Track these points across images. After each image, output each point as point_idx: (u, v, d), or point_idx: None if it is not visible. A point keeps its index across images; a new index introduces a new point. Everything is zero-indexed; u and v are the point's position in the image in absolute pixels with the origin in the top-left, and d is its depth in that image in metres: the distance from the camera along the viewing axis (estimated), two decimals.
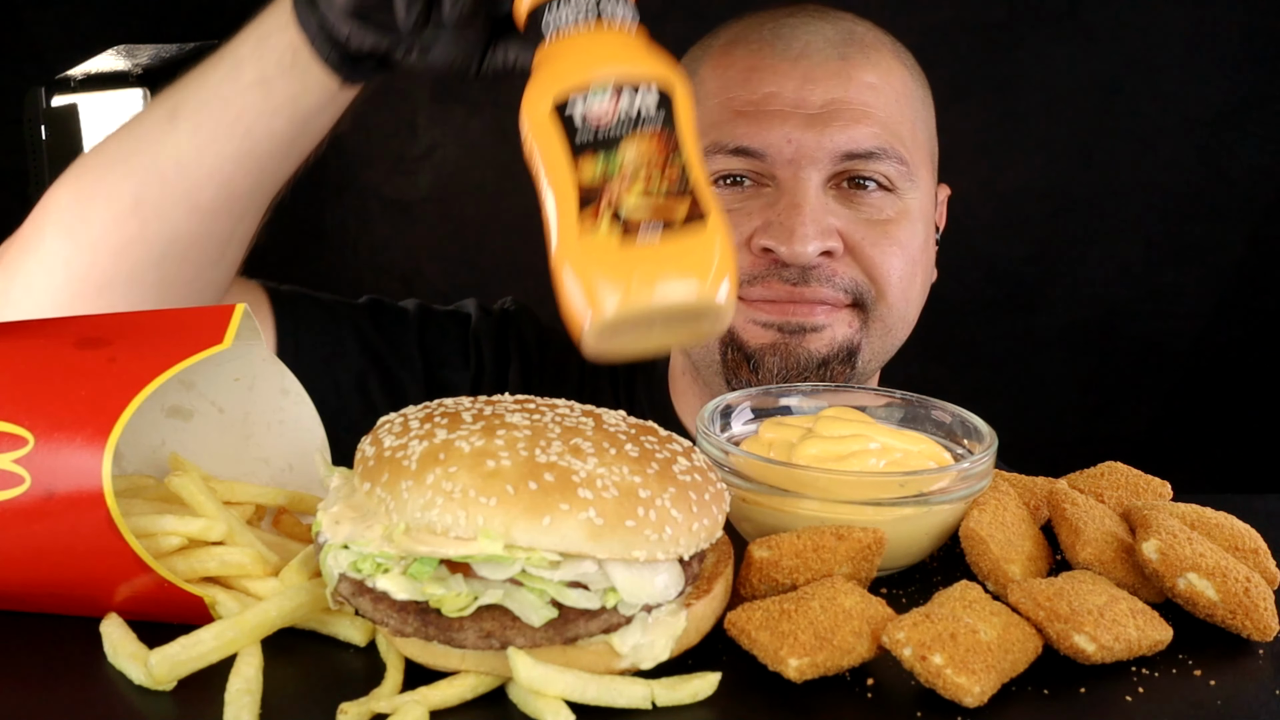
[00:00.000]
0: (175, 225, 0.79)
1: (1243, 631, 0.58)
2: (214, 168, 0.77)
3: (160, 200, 0.78)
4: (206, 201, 0.78)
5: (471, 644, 0.52)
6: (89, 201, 0.80)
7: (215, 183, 0.78)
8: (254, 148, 0.77)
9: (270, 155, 0.78)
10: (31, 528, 0.55)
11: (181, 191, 0.78)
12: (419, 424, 0.56)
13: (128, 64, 1.71)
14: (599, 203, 0.59)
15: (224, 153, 0.77)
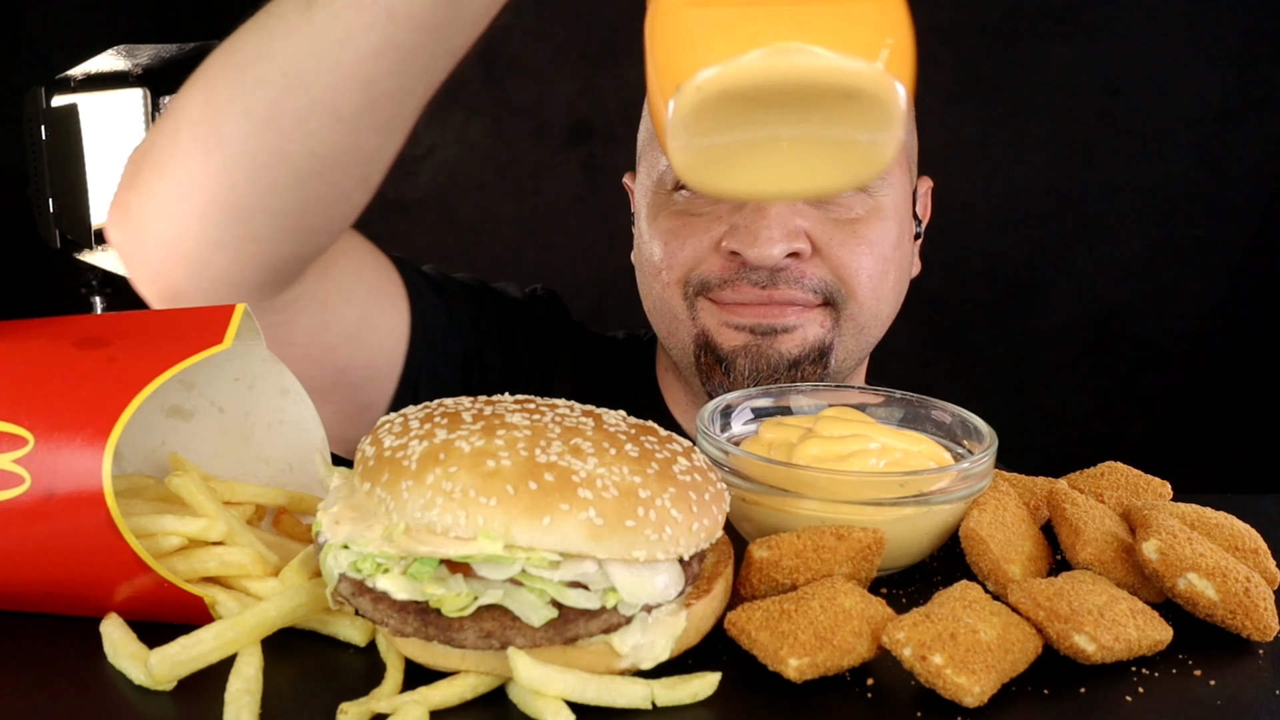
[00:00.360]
0: (318, 139, 0.71)
1: (1243, 631, 0.58)
2: (355, 65, 0.68)
3: (300, 109, 0.69)
4: (350, 110, 0.70)
5: (471, 644, 0.51)
6: (223, 113, 0.71)
7: (358, 85, 0.69)
8: (398, 38, 0.67)
9: (415, 51, 0.68)
10: (31, 528, 0.55)
11: (323, 98, 0.69)
12: (419, 424, 0.56)
13: (128, 64, 1.71)
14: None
15: (366, 46, 0.67)
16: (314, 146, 0.71)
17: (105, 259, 1.69)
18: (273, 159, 0.71)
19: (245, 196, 0.72)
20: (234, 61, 0.72)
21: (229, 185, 0.71)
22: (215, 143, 0.71)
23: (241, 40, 0.72)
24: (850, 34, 0.40)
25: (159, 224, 0.74)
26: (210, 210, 0.72)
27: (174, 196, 0.73)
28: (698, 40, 0.40)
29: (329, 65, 0.68)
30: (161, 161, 0.74)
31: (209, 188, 0.72)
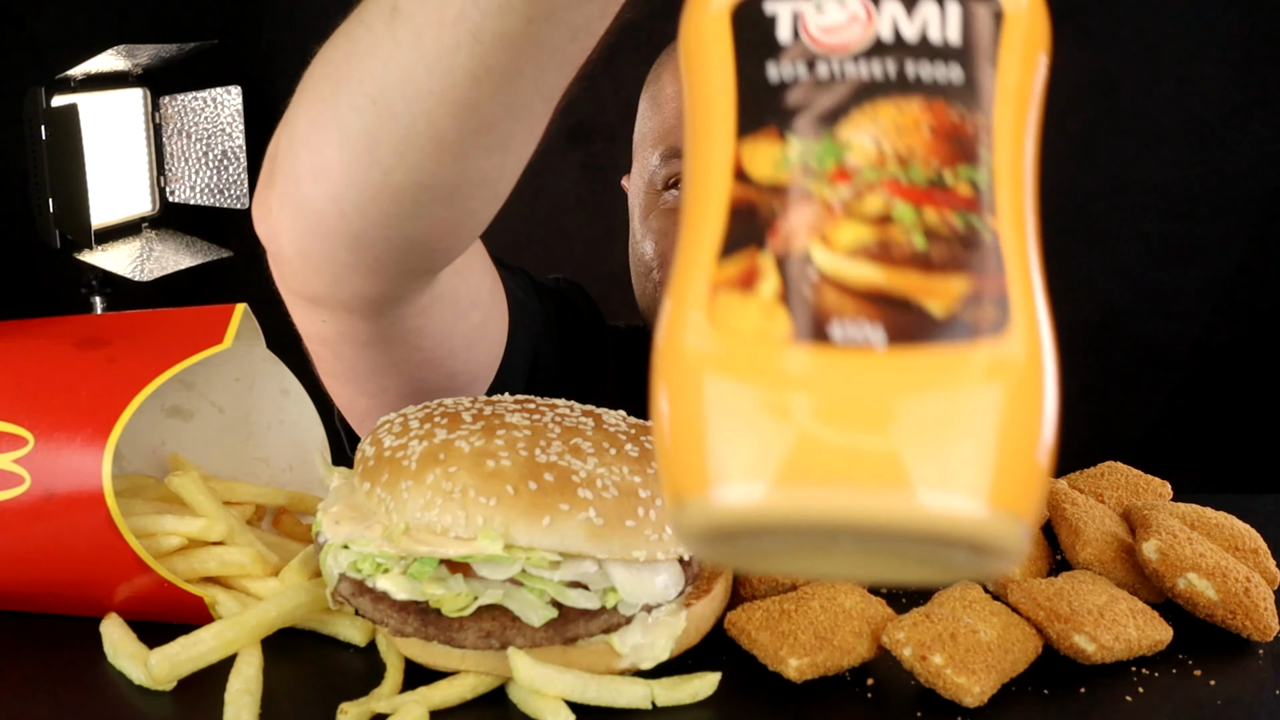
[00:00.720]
0: (424, 171, 0.60)
1: (1243, 631, 0.58)
2: (448, 90, 0.57)
3: (397, 141, 0.59)
4: (453, 138, 0.59)
5: (471, 644, 0.51)
6: (322, 139, 0.62)
7: (457, 111, 0.58)
8: (492, 60, 0.56)
9: (516, 72, 0.57)
10: (31, 528, 0.55)
11: (420, 127, 0.59)
12: (419, 424, 0.56)
13: (128, 64, 1.71)
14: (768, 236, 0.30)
15: (456, 69, 0.56)
16: (420, 179, 0.61)
17: (105, 259, 1.69)
18: (376, 192, 0.62)
19: (356, 225, 0.63)
20: (328, 76, 0.62)
21: (339, 214, 0.63)
22: (321, 168, 0.63)
23: (333, 50, 0.62)
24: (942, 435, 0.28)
25: (289, 237, 0.67)
26: (330, 234, 0.64)
27: (298, 213, 0.65)
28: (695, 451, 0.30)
29: (419, 92, 0.57)
30: (283, 173, 0.66)
31: (323, 214, 0.64)
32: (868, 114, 0.31)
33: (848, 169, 0.31)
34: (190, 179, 1.83)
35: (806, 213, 0.30)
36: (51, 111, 1.57)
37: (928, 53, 0.31)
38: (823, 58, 0.31)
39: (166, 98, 1.80)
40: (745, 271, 0.31)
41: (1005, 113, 0.32)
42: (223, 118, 1.77)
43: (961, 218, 0.31)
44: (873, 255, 0.30)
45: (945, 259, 0.30)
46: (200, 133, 1.79)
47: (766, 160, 0.31)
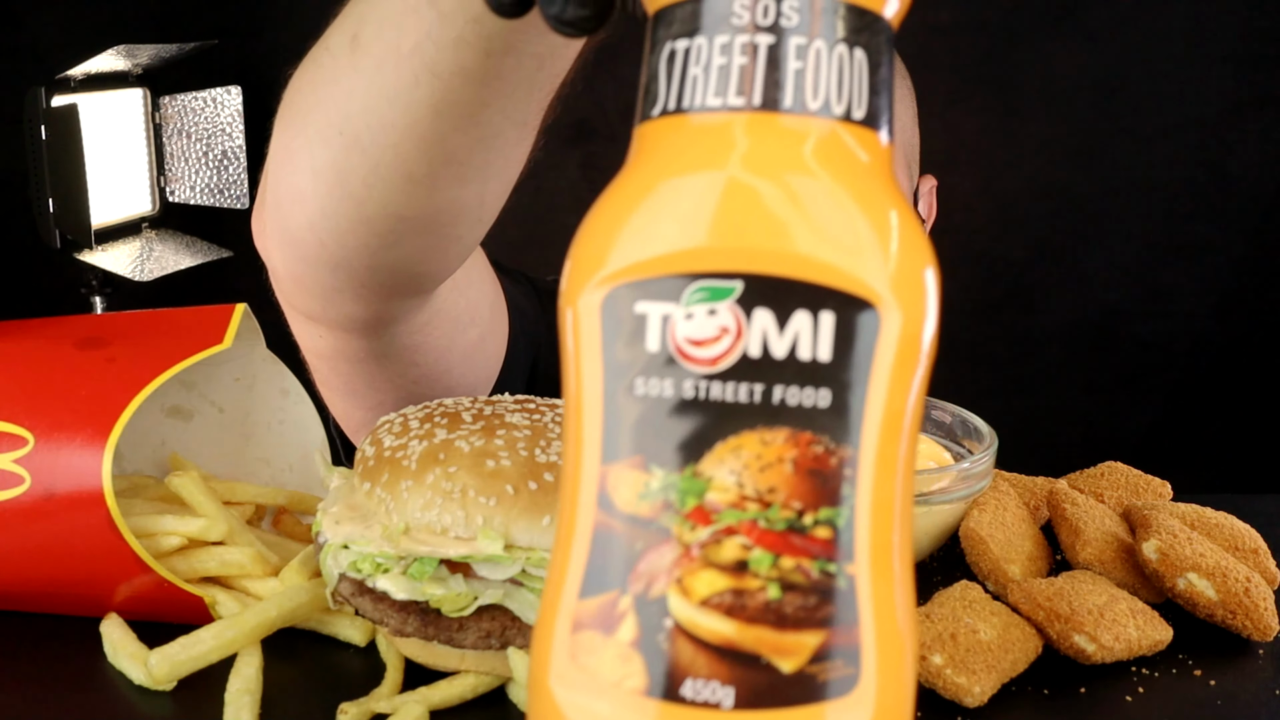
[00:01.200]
0: (396, 203, 0.58)
1: (1243, 631, 0.58)
2: (412, 125, 0.54)
3: (365, 173, 0.57)
4: (423, 171, 0.56)
5: (471, 644, 0.51)
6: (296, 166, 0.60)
7: (423, 145, 0.55)
8: (453, 95, 0.53)
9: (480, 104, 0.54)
10: (31, 527, 0.55)
11: (386, 159, 0.56)
12: (419, 424, 0.56)
13: (128, 64, 1.71)
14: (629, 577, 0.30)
15: (417, 103, 0.54)
16: (394, 210, 0.58)
17: (105, 259, 1.69)
18: (351, 223, 0.59)
19: (335, 253, 0.61)
20: (298, 104, 0.60)
21: (317, 242, 0.61)
22: (296, 196, 0.61)
23: (302, 77, 0.60)
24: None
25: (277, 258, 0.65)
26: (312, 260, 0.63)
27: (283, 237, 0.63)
28: None
29: (382, 124, 0.55)
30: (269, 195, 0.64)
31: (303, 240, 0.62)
32: (731, 446, 0.30)
33: (708, 509, 0.30)
34: (190, 179, 1.83)
35: (666, 555, 0.30)
36: (51, 111, 1.56)
37: (796, 374, 0.30)
38: (689, 375, 0.30)
39: (166, 98, 1.80)
40: (605, 612, 0.31)
41: (873, 438, 0.31)
42: (223, 118, 1.77)
43: (818, 565, 0.30)
44: (727, 608, 0.30)
45: (798, 612, 0.30)
46: (200, 133, 1.79)
47: (629, 490, 0.30)
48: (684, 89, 0.31)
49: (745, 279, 0.29)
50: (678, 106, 0.31)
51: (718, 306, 0.30)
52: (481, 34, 0.51)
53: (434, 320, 0.74)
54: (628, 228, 0.31)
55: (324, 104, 0.57)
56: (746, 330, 0.30)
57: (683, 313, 0.30)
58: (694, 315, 0.30)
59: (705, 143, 0.31)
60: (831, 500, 0.30)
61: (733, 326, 0.30)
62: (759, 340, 0.29)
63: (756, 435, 0.30)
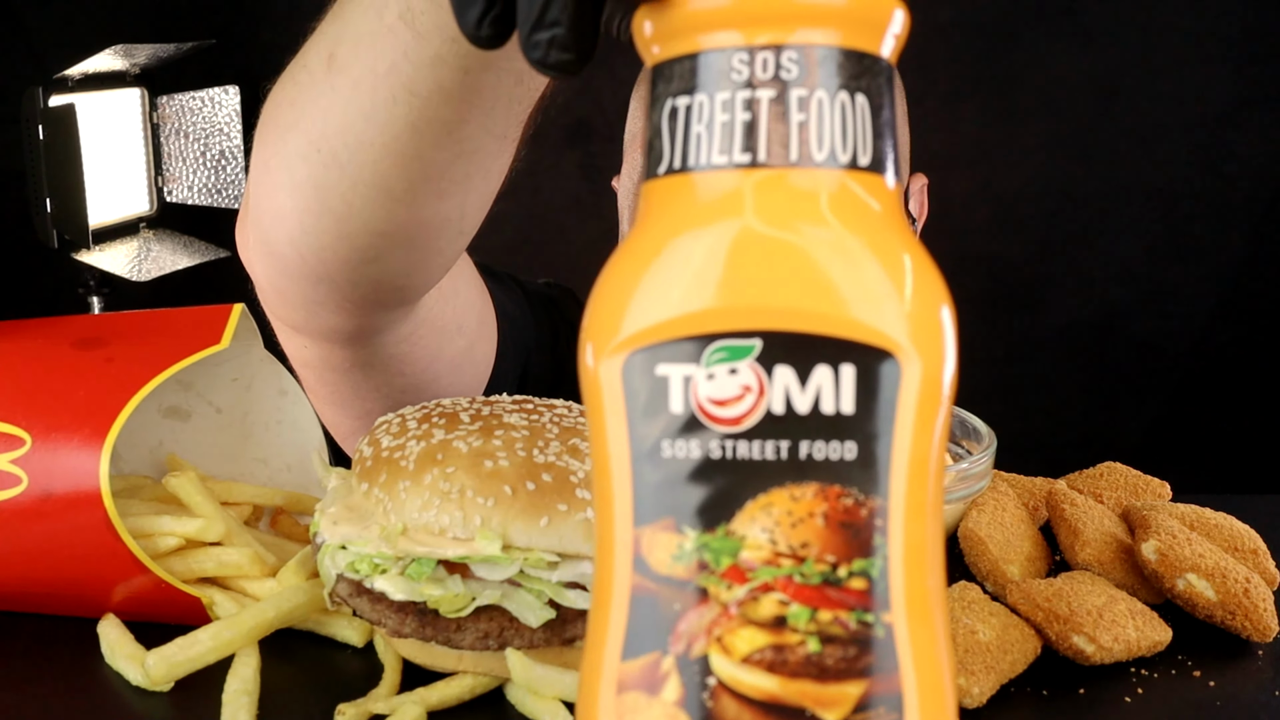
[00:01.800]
0: (377, 219, 0.57)
1: (1242, 632, 0.58)
2: (390, 142, 0.54)
3: (345, 190, 0.56)
4: (402, 188, 0.56)
5: (469, 645, 0.51)
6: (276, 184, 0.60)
7: (402, 162, 0.55)
8: (430, 112, 0.53)
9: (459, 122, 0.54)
10: (29, 528, 0.55)
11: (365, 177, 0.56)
12: (416, 424, 0.56)
13: (126, 63, 1.71)
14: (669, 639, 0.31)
15: (395, 122, 0.53)
16: (374, 226, 0.58)
17: (103, 259, 1.69)
18: (331, 239, 0.59)
19: (316, 268, 0.61)
20: (276, 120, 0.59)
21: (298, 257, 0.61)
22: (276, 213, 0.61)
23: (281, 92, 0.59)
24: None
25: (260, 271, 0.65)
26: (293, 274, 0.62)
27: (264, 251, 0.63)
28: None
29: (360, 142, 0.55)
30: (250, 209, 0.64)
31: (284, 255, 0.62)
32: (762, 504, 0.30)
33: (743, 568, 0.30)
34: (188, 179, 1.83)
35: (704, 615, 0.31)
36: (49, 111, 1.56)
37: (820, 428, 0.30)
38: (714, 435, 0.30)
39: (164, 97, 1.80)
40: (648, 673, 0.31)
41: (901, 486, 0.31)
42: (220, 117, 1.77)
43: (856, 616, 0.31)
44: (769, 663, 0.30)
45: (839, 664, 0.30)
46: (198, 132, 1.79)
47: (663, 552, 0.31)
48: (688, 147, 0.31)
49: (764, 336, 0.30)
50: (683, 165, 0.31)
51: (738, 365, 0.30)
52: (459, 52, 0.51)
53: (419, 330, 0.73)
54: (641, 290, 0.31)
55: (302, 121, 0.57)
56: (769, 387, 0.30)
57: (704, 373, 0.30)
58: (715, 375, 0.30)
59: (713, 201, 0.31)
60: (864, 551, 0.31)
61: (755, 384, 0.30)
62: (782, 396, 0.30)
63: (786, 492, 0.30)
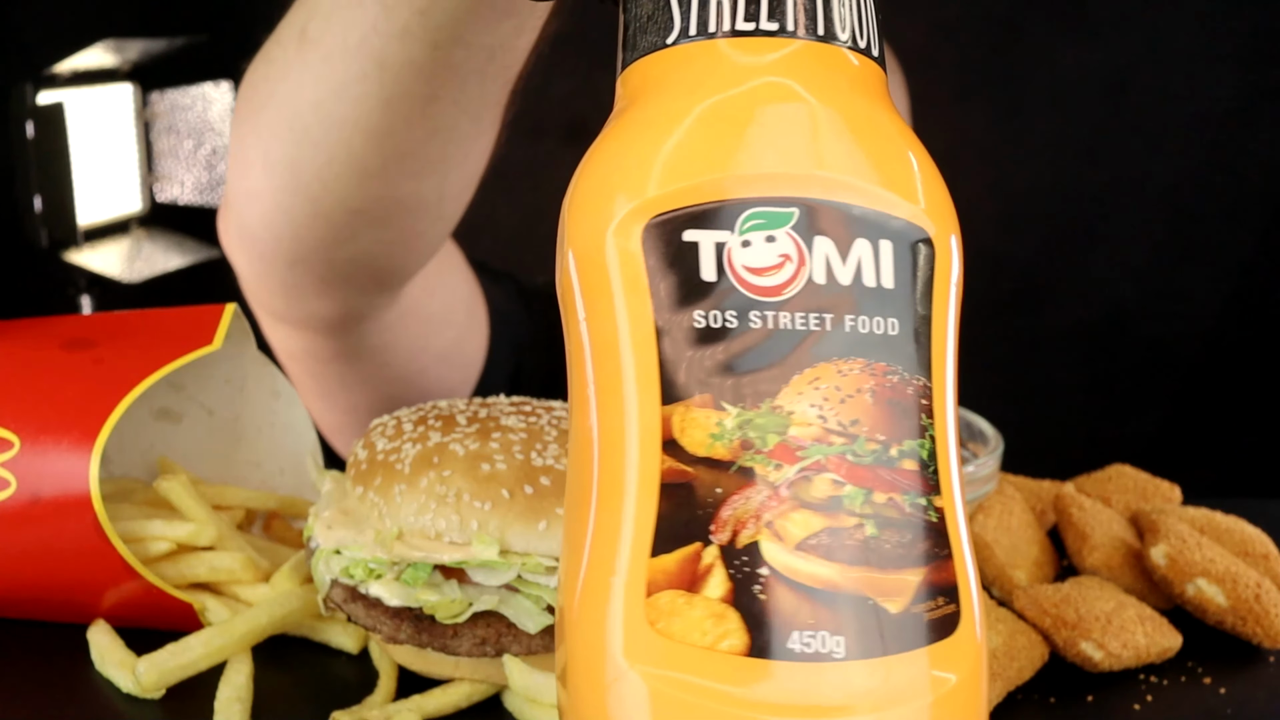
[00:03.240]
0: (352, 196, 0.57)
1: (1253, 638, 0.57)
2: (362, 118, 0.53)
3: (319, 166, 0.56)
4: (376, 164, 0.55)
5: (466, 651, 0.51)
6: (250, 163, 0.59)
7: (375, 138, 0.54)
8: (403, 87, 0.52)
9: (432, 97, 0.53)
10: (17, 532, 0.55)
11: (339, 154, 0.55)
12: (412, 426, 0.55)
13: (116, 59, 1.70)
14: (711, 527, 0.28)
15: (367, 97, 0.53)
16: (350, 205, 0.58)
17: (93, 258, 1.69)
18: (306, 218, 0.58)
19: (291, 249, 0.61)
20: (250, 98, 0.59)
21: (273, 238, 0.61)
22: (251, 192, 0.60)
23: (255, 71, 0.59)
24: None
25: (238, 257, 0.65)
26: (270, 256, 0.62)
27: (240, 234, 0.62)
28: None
29: (333, 118, 0.54)
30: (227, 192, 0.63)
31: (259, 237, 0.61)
32: (809, 378, 0.28)
33: (792, 445, 0.28)
34: (180, 177, 1.82)
35: (752, 498, 0.28)
36: (38, 109, 1.55)
37: (864, 300, 0.28)
38: (755, 305, 0.28)
39: (155, 93, 1.79)
40: (688, 569, 0.28)
41: (940, 366, 0.30)
42: (213, 114, 1.76)
43: (910, 499, 0.29)
44: (826, 549, 0.28)
45: (897, 549, 0.28)
46: (190, 129, 1.78)
47: (701, 430, 0.28)
48: (706, 14, 0.30)
49: (802, 205, 0.28)
50: (702, 31, 0.30)
51: (775, 233, 0.28)
52: (428, 25, 0.50)
53: (403, 320, 0.73)
54: (662, 153, 0.29)
55: (275, 98, 0.56)
56: (809, 257, 0.28)
57: (739, 240, 0.28)
58: (751, 243, 0.28)
59: (736, 67, 0.30)
60: (914, 432, 0.29)
61: (794, 253, 0.28)
62: (823, 266, 0.28)
63: (833, 366, 0.28)
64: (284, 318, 0.69)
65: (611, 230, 0.29)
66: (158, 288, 1.74)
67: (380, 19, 0.50)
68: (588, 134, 0.72)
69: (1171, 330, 2.07)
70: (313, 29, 0.54)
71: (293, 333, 0.70)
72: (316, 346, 0.71)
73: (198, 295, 0.73)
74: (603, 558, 0.29)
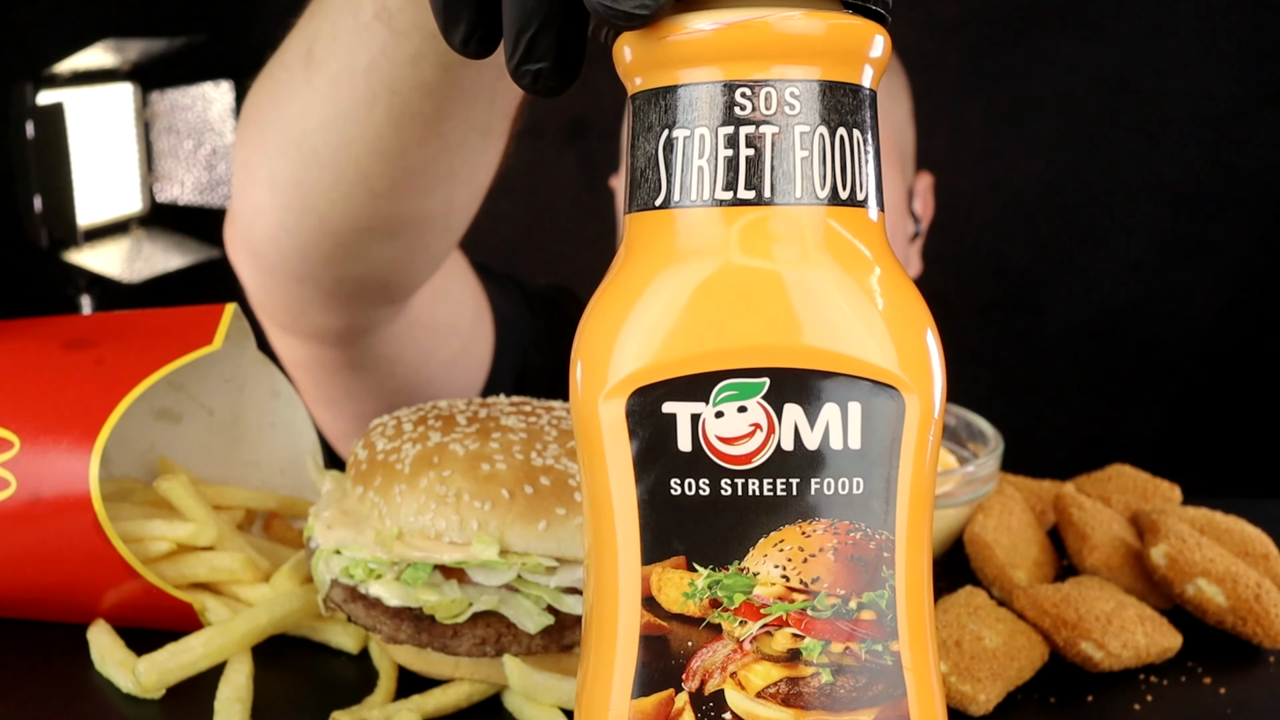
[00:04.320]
0: (360, 215, 0.57)
1: (1253, 638, 0.57)
2: (372, 140, 0.54)
3: (327, 187, 0.56)
4: (385, 185, 0.55)
5: (466, 651, 0.51)
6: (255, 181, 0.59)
7: (384, 158, 0.54)
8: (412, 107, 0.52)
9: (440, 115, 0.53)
10: (18, 532, 0.55)
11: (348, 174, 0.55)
12: (412, 427, 0.55)
13: (117, 59, 1.70)
14: (683, 676, 0.31)
15: (375, 119, 0.53)
16: (357, 223, 0.58)
17: (93, 258, 1.68)
18: (313, 235, 0.59)
19: (297, 266, 0.61)
20: (256, 118, 0.59)
21: (279, 255, 0.61)
22: (256, 211, 0.60)
23: (260, 90, 0.59)
24: None
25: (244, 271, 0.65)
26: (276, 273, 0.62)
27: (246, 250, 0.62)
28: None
29: (342, 139, 0.54)
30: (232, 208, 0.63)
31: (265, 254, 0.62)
32: (774, 541, 0.31)
33: (756, 603, 0.31)
34: (180, 177, 1.82)
35: (719, 651, 0.31)
36: (38, 109, 1.55)
37: (831, 462, 0.30)
38: (726, 474, 0.30)
39: (156, 93, 1.79)
40: (661, 711, 0.31)
41: (905, 518, 0.31)
42: (213, 114, 1.76)
43: (866, 647, 0.31)
44: (784, 696, 0.31)
45: (851, 693, 0.31)
46: (190, 129, 1.78)
47: (675, 590, 0.31)
48: (672, 182, 0.31)
49: (771, 374, 0.30)
50: (667, 201, 0.31)
51: (747, 404, 0.30)
52: (439, 49, 0.50)
53: (411, 330, 0.73)
54: (646, 328, 0.31)
55: (282, 119, 0.57)
56: (778, 425, 0.30)
57: (712, 412, 0.30)
58: (724, 414, 0.30)
59: (713, 238, 0.31)
60: (874, 584, 0.31)
61: (764, 422, 0.30)
62: (791, 433, 0.30)
63: (797, 528, 0.31)
64: (290, 329, 0.69)
65: (601, 399, 0.31)
66: (158, 288, 1.74)
67: (389, 44, 0.51)
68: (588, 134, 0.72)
69: (1171, 330, 2.07)
70: (318, 52, 0.54)
71: (299, 343, 0.70)
72: (323, 357, 0.71)
73: (198, 295, 0.73)
74: (597, 695, 0.33)
